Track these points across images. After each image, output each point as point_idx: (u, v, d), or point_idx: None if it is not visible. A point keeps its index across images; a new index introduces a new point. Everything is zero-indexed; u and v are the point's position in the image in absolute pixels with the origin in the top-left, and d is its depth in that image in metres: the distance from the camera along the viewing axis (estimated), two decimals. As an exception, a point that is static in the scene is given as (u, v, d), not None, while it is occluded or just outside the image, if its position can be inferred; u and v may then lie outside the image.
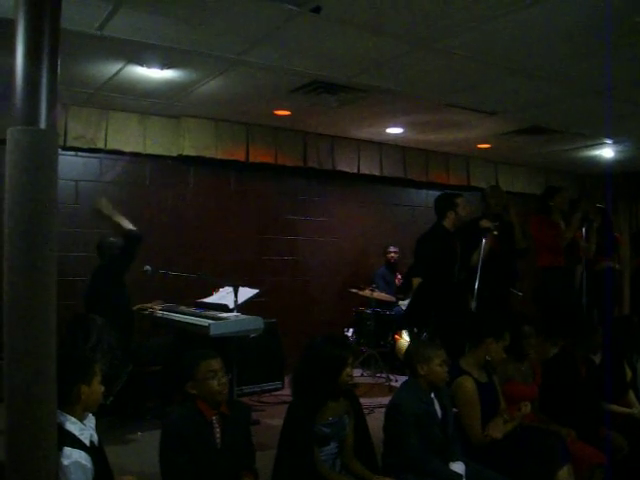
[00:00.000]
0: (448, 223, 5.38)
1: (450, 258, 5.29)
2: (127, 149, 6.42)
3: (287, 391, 5.81)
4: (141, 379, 5.03)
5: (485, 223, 5.39)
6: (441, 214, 5.44)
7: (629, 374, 4.69)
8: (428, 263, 5.31)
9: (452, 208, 5.38)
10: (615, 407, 4.40)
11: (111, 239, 5.25)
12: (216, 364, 2.97)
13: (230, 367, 4.57)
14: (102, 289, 4.99)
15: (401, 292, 7.58)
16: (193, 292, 5.78)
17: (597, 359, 4.68)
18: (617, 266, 7.21)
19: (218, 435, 2.94)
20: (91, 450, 2.49)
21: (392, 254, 7.91)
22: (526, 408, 3.76)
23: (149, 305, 5.43)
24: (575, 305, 6.08)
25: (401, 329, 6.86)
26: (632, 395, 4.60)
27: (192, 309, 5.23)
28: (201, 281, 5.77)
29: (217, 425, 2.95)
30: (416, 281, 5.44)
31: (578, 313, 5.96)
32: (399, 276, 7.88)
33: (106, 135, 6.28)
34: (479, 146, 8.08)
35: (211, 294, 5.61)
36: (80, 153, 6.29)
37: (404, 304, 7.08)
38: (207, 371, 2.93)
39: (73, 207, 6.26)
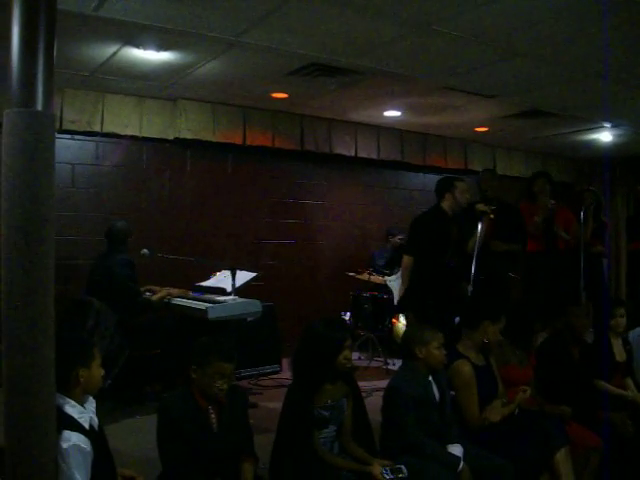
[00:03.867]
0: (446, 205, 5.33)
1: (442, 240, 5.26)
2: (123, 132, 6.38)
3: (285, 374, 5.85)
4: (140, 363, 5.03)
5: (481, 207, 5.37)
6: (439, 195, 5.40)
7: (624, 356, 4.71)
8: (419, 241, 5.28)
9: (449, 190, 5.33)
10: (611, 387, 4.43)
11: (119, 224, 5.25)
12: (228, 369, 2.93)
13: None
14: (121, 276, 5.01)
15: (387, 267, 7.51)
16: (191, 275, 5.77)
17: (589, 338, 4.72)
18: (604, 250, 7.29)
19: (214, 420, 2.94)
20: (91, 433, 2.48)
21: (398, 240, 7.81)
22: (525, 393, 3.77)
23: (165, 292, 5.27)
24: (559, 288, 6.13)
25: (399, 313, 6.86)
26: (629, 380, 4.63)
27: (190, 292, 5.22)
28: (199, 264, 5.76)
29: (213, 411, 2.95)
30: (406, 258, 5.39)
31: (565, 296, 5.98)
32: None
33: (102, 118, 6.23)
34: (477, 129, 8.05)
35: (209, 278, 5.61)
36: (76, 136, 6.25)
37: (390, 279, 7.01)
38: (217, 372, 2.89)
39: (69, 190, 6.23)
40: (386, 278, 7.14)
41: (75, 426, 2.45)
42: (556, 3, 3.93)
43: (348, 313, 7.33)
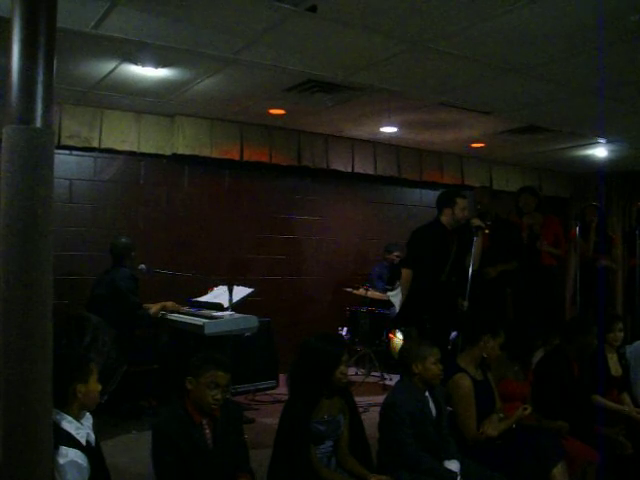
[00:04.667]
0: (445, 219, 5.34)
1: (441, 253, 5.26)
2: (121, 148, 6.40)
3: (281, 390, 5.83)
4: (136, 378, 5.02)
5: (476, 221, 5.38)
6: (439, 209, 5.40)
7: (620, 371, 4.71)
8: (418, 254, 5.29)
9: (449, 205, 5.32)
10: (607, 402, 4.43)
11: (122, 240, 5.29)
12: (223, 379, 2.95)
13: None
14: (123, 289, 5.04)
15: (389, 283, 7.48)
16: (187, 291, 5.77)
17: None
18: (613, 265, 7.28)
19: (209, 436, 2.94)
20: (87, 449, 2.48)
21: (395, 257, 7.77)
22: (526, 412, 3.77)
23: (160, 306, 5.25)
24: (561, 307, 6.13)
25: (395, 328, 6.85)
26: (626, 395, 4.63)
27: (187, 308, 5.22)
28: (196, 280, 5.76)
29: (207, 427, 2.95)
30: (405, 272, 5.40)
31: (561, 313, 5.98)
32: None
33: (100, 134, 6.25)
34: (473, 145, 8.08)
35: (206, 293, 5.61)
36: (74, 152, 6.27)
37: (392, 294, 7.02)
38: (211, 381, 2.91)
39: (67, 206, 6.24)
40: (388, 293, 7.14)
41: (72, 442, 2.45)
42: (551, 21, 3.97)
43: (345, 328, 7.32)
